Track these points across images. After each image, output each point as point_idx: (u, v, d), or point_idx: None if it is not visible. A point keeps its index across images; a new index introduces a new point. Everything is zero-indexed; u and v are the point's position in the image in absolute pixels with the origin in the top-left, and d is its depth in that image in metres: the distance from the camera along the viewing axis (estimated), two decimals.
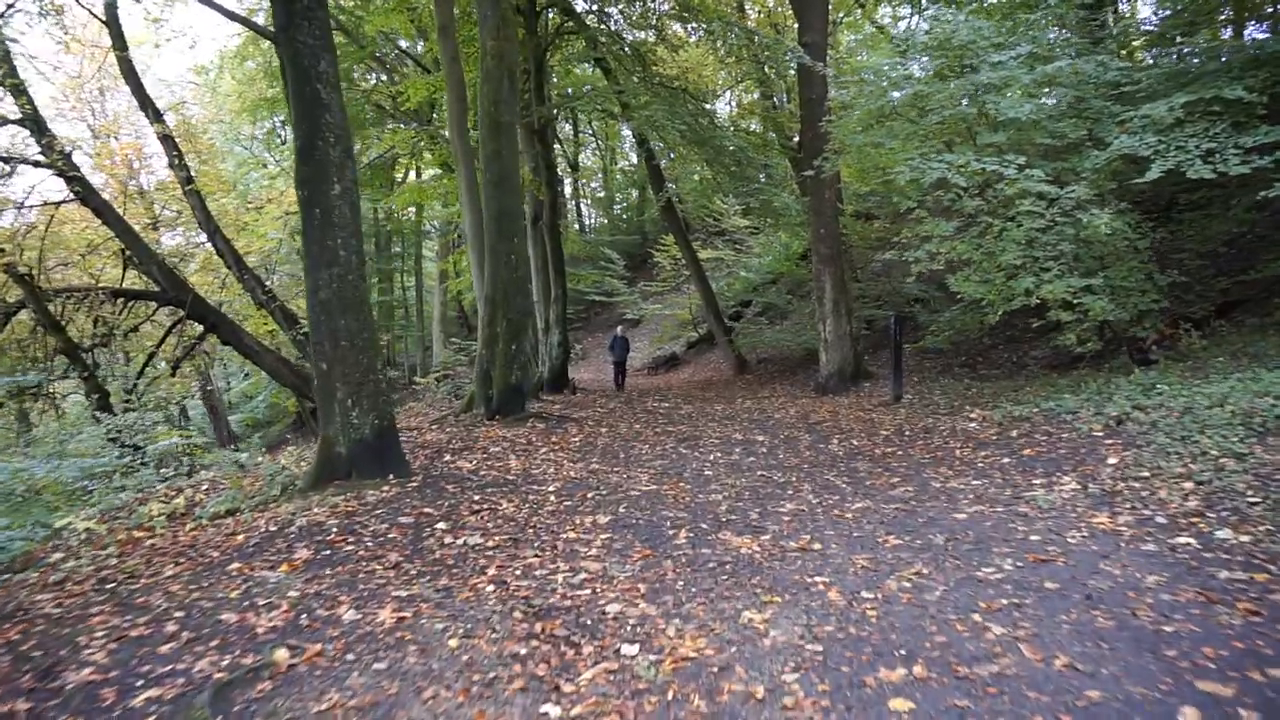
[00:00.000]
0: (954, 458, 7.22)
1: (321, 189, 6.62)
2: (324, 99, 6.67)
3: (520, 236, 10.51)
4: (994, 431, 8.16)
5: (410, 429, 9.83)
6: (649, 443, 8.91)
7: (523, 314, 10.45)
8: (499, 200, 10.29)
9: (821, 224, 14.48)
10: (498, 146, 10.25)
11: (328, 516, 5.69)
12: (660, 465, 7.57)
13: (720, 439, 9.08)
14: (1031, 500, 5.55)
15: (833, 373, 14.36)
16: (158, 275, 16.39)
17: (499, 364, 10.28)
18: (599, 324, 32.44)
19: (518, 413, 10.32)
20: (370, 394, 6.68)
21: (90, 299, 15.57)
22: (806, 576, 4.40)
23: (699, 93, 16.65)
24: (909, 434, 8.71)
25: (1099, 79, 10.29)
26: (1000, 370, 13.30)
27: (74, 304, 15.36)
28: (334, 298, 6.59)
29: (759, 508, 5.91)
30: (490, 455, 7.95)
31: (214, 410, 27.66)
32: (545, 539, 5.27)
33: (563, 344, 16.03)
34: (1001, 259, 8.97)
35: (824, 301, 14.46)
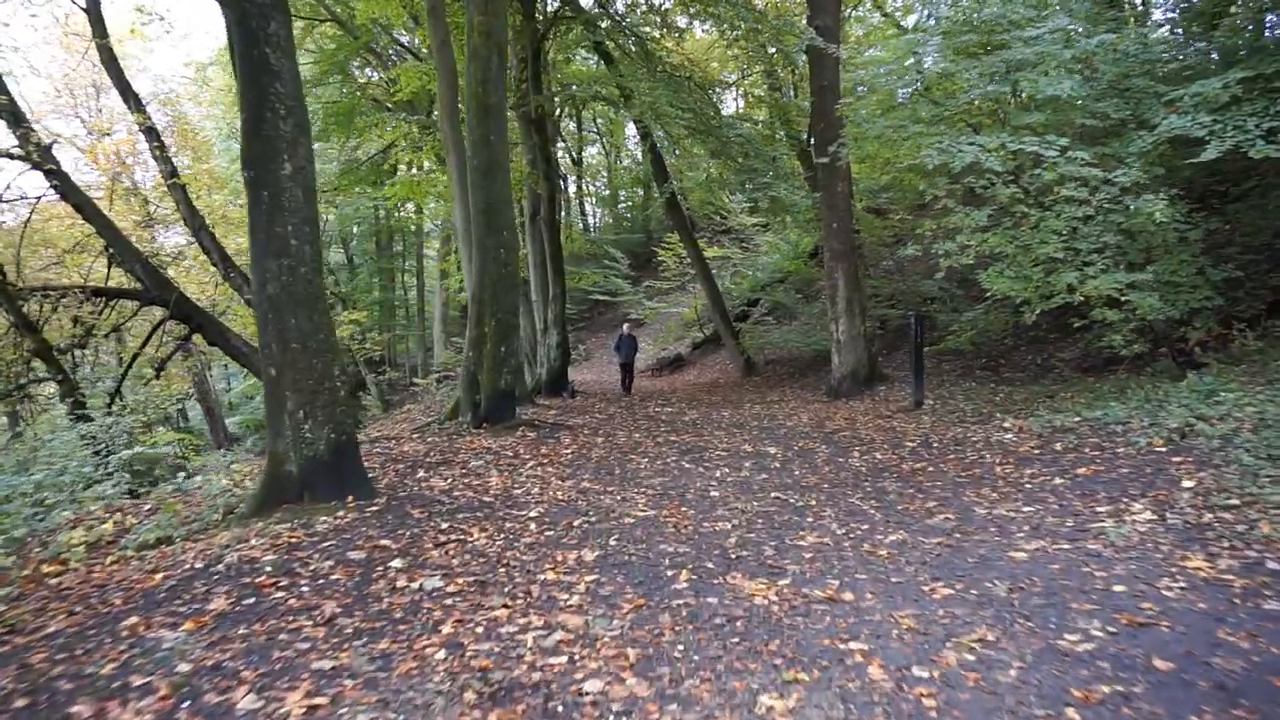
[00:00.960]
0: (995, 476, 6.24)
1: (270, 169, 5.69)
2: (273, 65, 5.74)
3: (510, 230, 9.57)
4: (1035, 444, 7.17)
5: (388, 439, 8.90)
6: (649, 455, 7.95)
7: (512, 313, 9.51)
8: (487, 190, 9.35)
9: (834, 218, 13.49)
10: (486, 131, 9.31)
11: (265, 550, 4.75)
12: (660, 484, 6.61)
13: (728, 451, 8.12)
14: (1101, 534, 4.57)
15: (846, 375, 13.37)
16: (140, 273, 15.53)
17: (486, 367, 9.35)
18: (603, 324, 31.49)
19: (507, 420, 9.37)
20: (326, 404, 5.74)
21: (68, 298, 14.71)
22: (838, 641, 3.43)
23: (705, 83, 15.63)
24: (937, 446, 7.73)
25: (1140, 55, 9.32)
26: (1025, 373, 12.29)
27: (50, 304, 14.48)
28: (283, 293, 5.65)
29: (774, 540, 4.95)
30: (469, 471, 7.00)
31: (210, 412, 26.85)
32: (519, 581, 4.32)
33: (562, 345, 15.09)
34: (1039, 252, 7.97)
35: (837, 300, 13.48)
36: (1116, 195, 7.77)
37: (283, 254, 5.66)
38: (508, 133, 10.07)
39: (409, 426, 10.01)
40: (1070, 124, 8.76)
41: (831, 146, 10.96)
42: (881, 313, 16.60)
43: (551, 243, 15.00)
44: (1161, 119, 8.20)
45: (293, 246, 5.69)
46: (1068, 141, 7.86)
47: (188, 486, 6.69)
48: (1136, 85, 9.05)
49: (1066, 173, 7.75)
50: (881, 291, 17.69)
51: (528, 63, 14.35)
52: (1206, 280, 8.59)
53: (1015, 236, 8.26)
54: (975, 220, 8.07)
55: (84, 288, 15.13)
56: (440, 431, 9.18)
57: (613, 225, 36.44)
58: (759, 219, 23.58)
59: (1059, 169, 7.78)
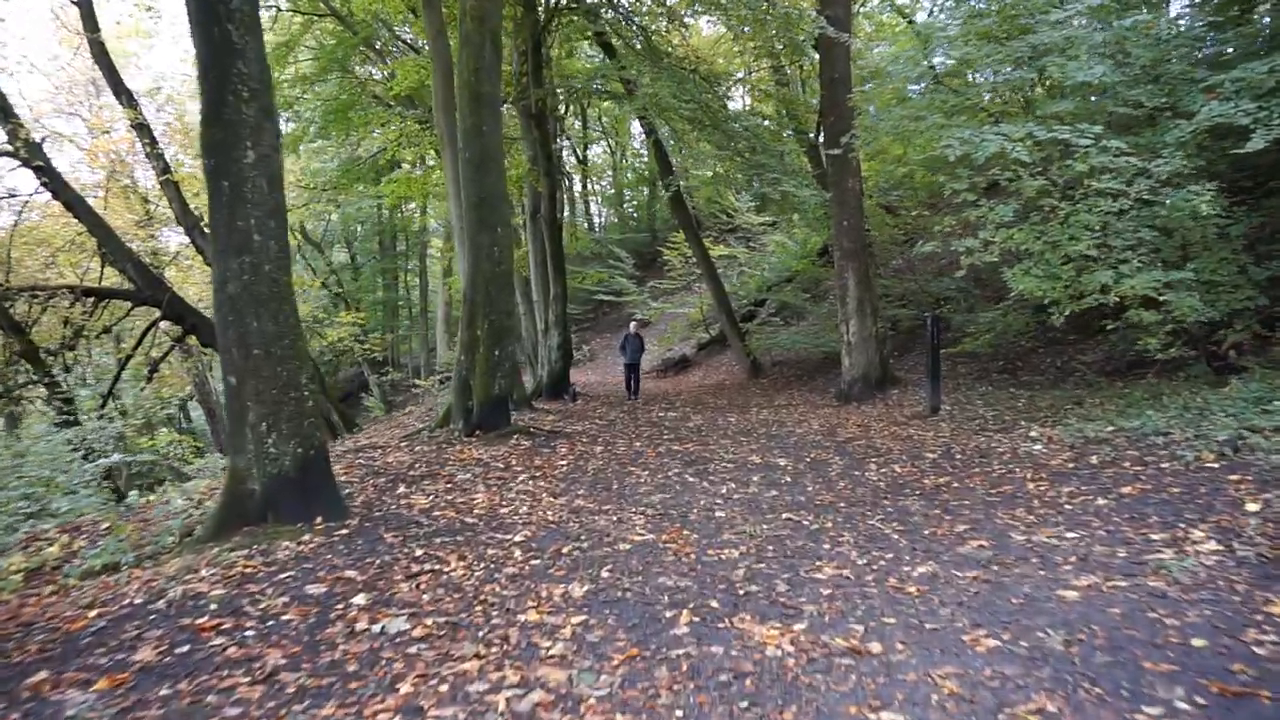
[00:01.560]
0: (1029, 495, 5.63)
1: (232, 156, 5.13)
2: (236, 43, 5.17)
3: (504, 226, 8.99)
4: (1068, 457, 6.55)
5: (375, 447, 8.34)
6: (650, 467, 7.35)
7: (507, 314, 8.93)
8: (479, 184, 8.77)
9: (844, 215, 12.88)
10: (478, 121, 8.73)
11: (215, 583, 4.19)
12: (661, 501, 6.02)
13: (734, 462, 7.52)
14: (1161, 569, 3.96)
15: (857, 378, 12.76)
16: (133, 273, 15.05)
17: (479, 372, 8.78)
18: (607, 324, 30.91)
19: (501, 427, 8.80)
20: (292, 415, 5.17)
21: (56, 298, 14.22)
22: (867, 710, 2.84)
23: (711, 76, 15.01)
24: (961, 458, 7.12)
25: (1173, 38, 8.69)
26: (1045, 377, 11.66)
27: (39, 304, 13.99)
28: (244, 293, 5.09)
29: (787, 572, 4.35)
30: (455, 486, 6.42)
31: (211, 413, 26.37)
32: (496, 623, 3.74)
33: (563, 346, 14.51)
34: (1069, 249, 7.35)
35: (847, 300, 12.86)
36: (1153, 187, 7.15)
37: (244, 250, 5.10)
38: (501, 124, 9.49)
39: (401, 432, 9.45)
40: (1101, 112, 8.14)
41: (844, 138, 10.34)
42: (893, 313, 15.98)
43: (552, 241, 14.42)
44: (1201, 106, 7.58)
45: (256, 242, 5.12)
46: (1101, 130, 7.23)
47: (136, 504, 6.11)
48: (1171, 71, 8.43)
49: (1099, 164, 7.12)
50: (892, 291, 17.07)
51: (528, 56, 13.78)
52: (1248, 279, 7.96)
53: (1043, 232, 7.64)
54: (1000, 215, 7.45)
55: (74, 288, 14.64)
56: (430, 440, 8.61)
57: (618, 225, 35.85)
58: (766, 217, 22.98)
59: (1091, 160, 7.16)
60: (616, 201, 36.76)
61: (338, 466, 7.09)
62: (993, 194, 8.94)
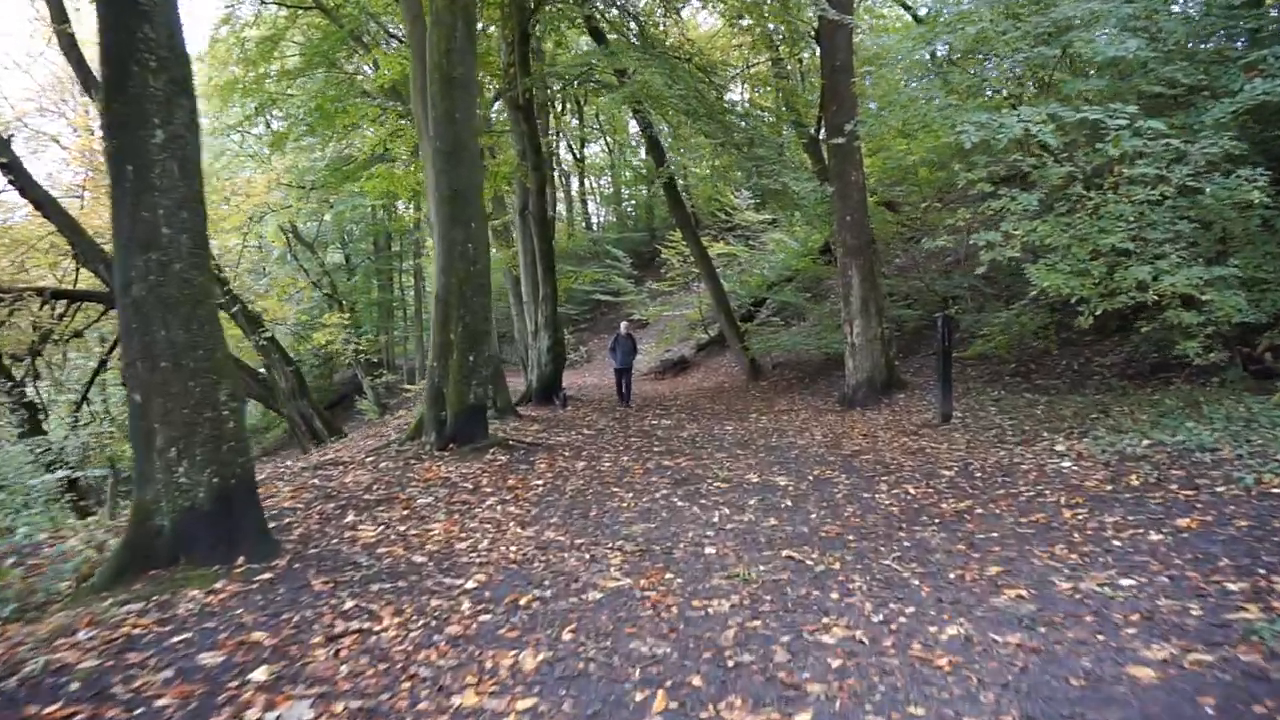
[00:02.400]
0: (1066, 526, 4.81)
1: (137, 136, 4.33)
2: (143, 4, 4.37)
3: (479, 221, 8.18)
4: (1103, 477, 5.74)
5: (335, 464, 7.54)
6: (635, 488, 6.54)
7: (483, 317, 8.13)
8: (451, 175, 7.98)
9: (847, 210, 12.06)
10: (450, 107, 7.93)
11: (90, 650, 3.40)
12: (643, 533, 5.20)
13: (729, 482, 6.70)
14: (1253, 635, 3.15)
15: (861, 382, 11.95)
16: (105, 275, 14.26)
17: (453, 379, 7.98)
18: (604, 325, 30.07)
19: (477, 440, 8.00)
20: (208, 439, 4.37)
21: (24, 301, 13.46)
22: None
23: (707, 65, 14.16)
24: (980, 477, 6.30)
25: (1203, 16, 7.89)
26: (1062, 381, 10.84)
27: (5, 307, 13.22)
28: (150, 296, 4.29)
29: (788, 633, 3.54)
30: (413, 513, 5.62)
31: None
32: (423, 708, 2.94)
33: (553, 349, 13.70)
34: (1101, 242, 6.52)
35: (851, 300, 12.05)
36: (1193, 173, 6.33)
37: (151, 246, 4.30)
38: (476, 111, 8.68)
39: (360, 449, 8.65)
40: (1131, 92, 7.31)
41: (847, 126, 9.51)
42: (897, 313, 15.17)
43: (541, 239, 13.61)
44: (1242, 85, 6.77)
45: (164, 236, 4.32)
46: (1136, 109, 6.41)
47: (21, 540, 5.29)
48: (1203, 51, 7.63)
49: (1133, 147, 6.30)
50: (897, 290, 16.25)
51: (515, 45, 12.96)
52: None
53: (1070, 224, 6.81)
54: (1024, 205, 6.62)
55: (42, 290, 13.89)
56: (398, 454, 7.81)
57: (616, 224, 35.03)
58: (766, 215, 22.17)
59: (1124, 143, 6.33)
60: (615, 200, 35.93)
61: (288, 488, 6.30)
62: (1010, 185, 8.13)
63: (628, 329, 13.83)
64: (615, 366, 13.74)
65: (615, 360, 13.59)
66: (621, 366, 13.64)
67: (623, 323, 14.08)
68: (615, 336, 13.73)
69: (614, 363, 13.71)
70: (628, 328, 13.88)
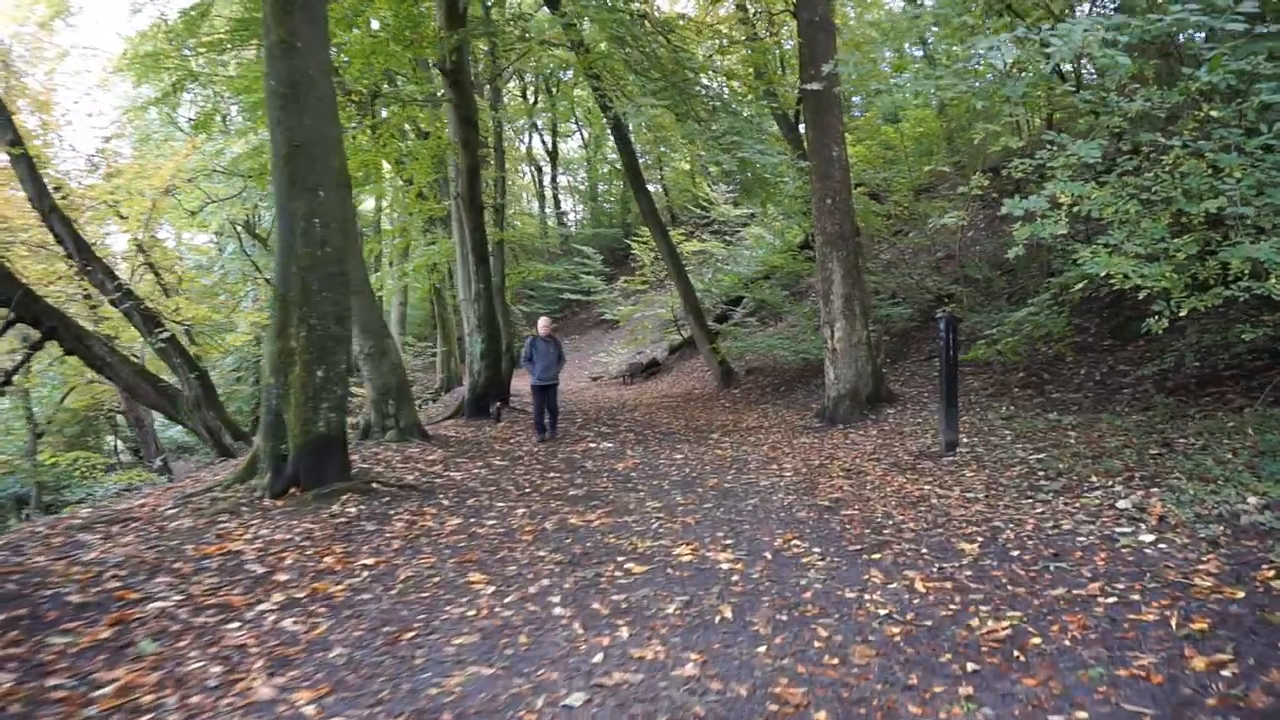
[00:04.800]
0: (1197, 678, 2.58)
1: None
2: None
3: (331, 189, 5.88)
4: (1217, 568, 3.52)
5: (115, 522, 5.20)
6: (504, 576, 4.21)
7: (334, 318, 5.83)
8: (290, 125, 5.69)
9: (827, 191, 9.84)
10: (288, 32, 5.63)
11: None
12: (465, 690, 2.93)
13: (649, 562, 4.41)
14: None
15: (843, 395, 9.73)
16: None
17: (294, 402, 5.69)
18: (575, 324, 27.80)
19: (329, 481, 5.72)
20: None
21: None
22: None
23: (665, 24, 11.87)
24: (1019, 556, 4.06)
25: None
26: (1084, 395, 8.65)
27: None
28: None
29: None
30: (111, 642, 3.32)
31: (139, 423, 23.09)
32: None
33: (488, 354, 11.40)
34: (1194, 210, 4.30)
35: (831, 298, 9.83)
36: None
37: None
38: (328, 39, 6.36)
39: (208, 484, 6.32)
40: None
41: (826, 67, 7.21)
42: (885, 311, 12.96)
43: (474, 227, 11.29)
44: None
45: None
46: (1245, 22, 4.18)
47: None
48: None
49: (1247, 67, 4.09)
50: (884, 287, 14.05)
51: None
52: None
53: (1142, 187, 4.59)
54: (1084, 154, 4.36)
55: None
56: (212, 505, 5.50)
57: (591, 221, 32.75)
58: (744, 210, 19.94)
59: (1227, 66, 4.12)
60: (590, 196, 33.63)
61: None
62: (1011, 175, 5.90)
63: (549, 329, 9.73)
64: (534, 382, 9.46)
65: (533, 373, 9.41)
66: (542, 381, 9.41)
67: (541, 319, 10.08)
68: (532, 340, 9.59)
69: (532, 376, 9.46)
70: (549, 327, 9.76)
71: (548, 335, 9.55)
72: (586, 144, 32.93)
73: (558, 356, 9.57)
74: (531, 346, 9.45)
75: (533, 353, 9.38)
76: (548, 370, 9.38)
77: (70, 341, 12.29)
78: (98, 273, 12.53)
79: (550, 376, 9.43)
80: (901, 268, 15.26)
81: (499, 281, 16.10)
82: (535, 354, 9.36)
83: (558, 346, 9.62)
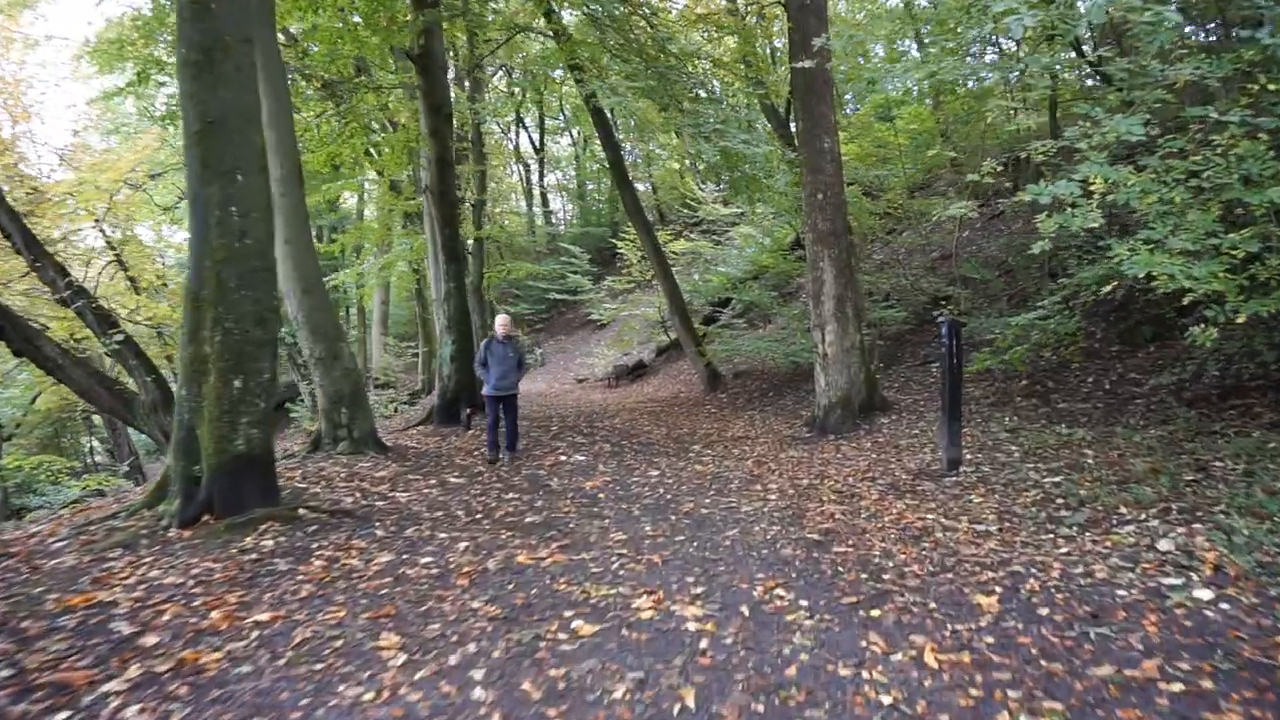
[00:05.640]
0: None
1: None
2: None
3: (252, 173, 5.07)
4: None
5: (1, 559, 4.39)
6: (423, 639, 3.41)
7: (255, 319, 5.03)
8: (203, 98, 4.88)
9: (819, 185, 9.08)
10: None
11: None
12: None
13: (600, 618, 3.63)
14: None
15: (835, 403, 8.98)
16: None
17: (209, 416, 4.89)
18: (563, 325, 26.99)
19: (249, 508, 4.91)
20: None
21: None
22: None
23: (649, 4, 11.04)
24: (1050, 615, 3.30)
25: None
26: (1094, 405, 7.92)
27: None
28: None
29: None
30: None
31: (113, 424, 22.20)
32: None
33: (458, 358, 10.58)
34: (1257, 199, 3.56)
35: (822, 299, 9.08)
36: None
37: None
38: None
39: (114, 509, 5.50)
40: None
41: (817, 41, 6.42)
42: (878, 314, 12.21)
43: (445, 223, 10.48)
44: None
45: None
46: None
47: None
48: None
49: None
50: (876, 288, 13.32)
51: None
52: None
53: (1190, 171, 3.84)
54: (1125, 130, 3.59)
55: None
56: (107, 537, 4.69)
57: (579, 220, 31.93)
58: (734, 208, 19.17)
59: None
60: (578, 195, 32.80)
61: None
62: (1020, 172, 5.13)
63: (507, 328, 8.07)
64: (488, 392, 7.80)
65: (489, 380, 7.76)
66: (498, 391, 7.76)
67: (499, 317, 8.40)
68: (487, 342, 7.92)
69: (486, 385, 7.81)
70: (506, 326, 8.11)
71: (506, 336, 7.94)
72: (575, 142, 32.12)
73: (517, 362, 7.93)
74: (486, 350, 7.80)
75: (487, 357, 7.76)
76: (504, 378, 7.75)
77: (18, 342, 11.43)
78: (48, 269, 11.66)
79: (507, 386, 7.79)
80: (895, 268, 14.53)
81: (477, 280, 15.32)
82: (490, 358, 7.74)
83: (518, 350, 8.02)
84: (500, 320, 8.25)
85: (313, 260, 7.74)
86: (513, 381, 7.88)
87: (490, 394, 7.80)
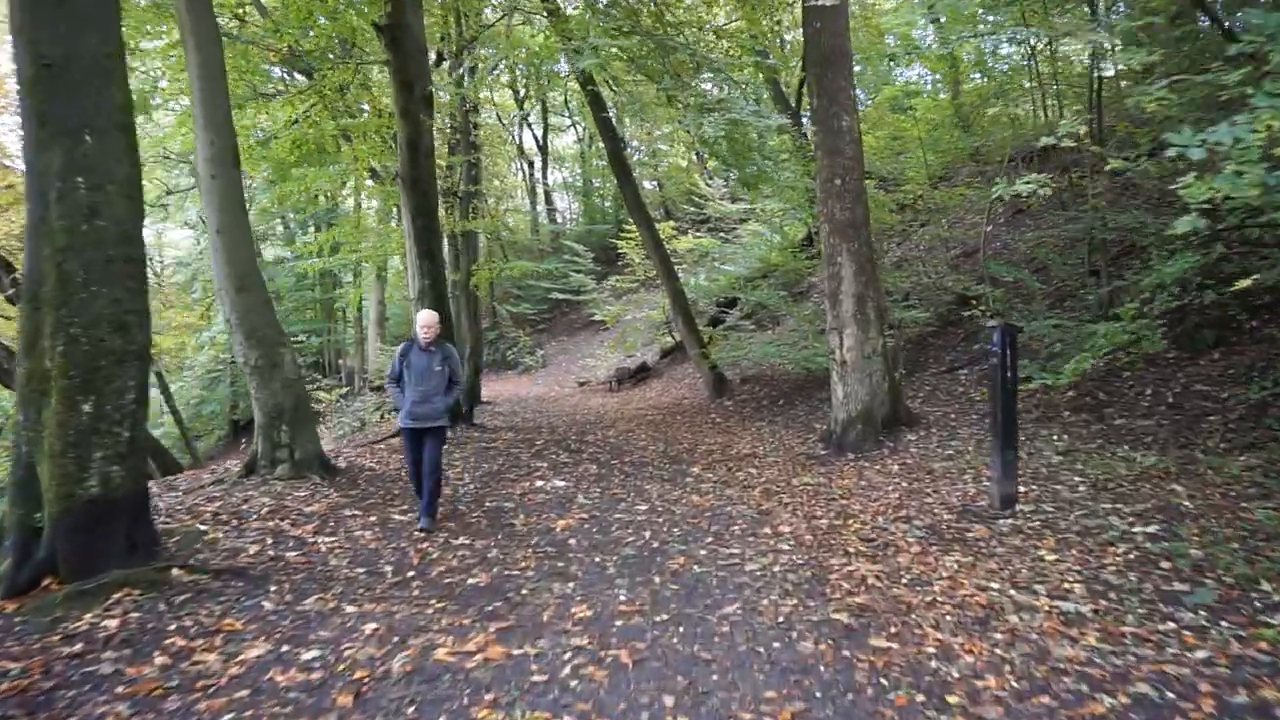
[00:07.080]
0: None
1: None
2: None
3: (110, 132, 3.85)
4: None
5: None
6: None
7: (117, 325, 3.80)
8: (36, 37, 3.67)
9: (836, 169, 7.80)
10: None
11: None
12: None
13: None
14: None
15: (855, 416, 7.70)
16: None
17: (49, 450, 3.68)
18: (565, 325, 25.74)
19: (110, 567, 3.70)
20: None
21: None
22: None
23: None
24: None
25: None
26: (1158, 421, 6.59)
27: None
28: None
29: None
30: None
31: None
32: None
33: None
34: None
35: (840, 299, 7.79)
36: None
37: None
38: None
39: None
40: None
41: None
42: (899, 314, 10.88)
43: (417, 213, 9.23)
44: None
45: None
46: None
47: None
48: None
49: None
50: (896, 287, 12.00)
51: None
52: None
53: None
54: None
55: None
56: None
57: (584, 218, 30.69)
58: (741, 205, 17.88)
59: None
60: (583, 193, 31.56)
61: None
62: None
63: (430, 330, 5.30)
64: (402, 421, 5.29)
65: (401, 405, 5.26)
66: (415, 421, 5.20)
67: (421, 314, 5.55)
68: (404, 347, 5.36)
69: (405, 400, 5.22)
70: (431, 328, 5.30)
71: (430, 342, 5.27)
72: (580, 139, 30.89)
73: (447, 380, 5.29)
74: (401, 359, 5.27)
75: (401, 369, 5.24)
76: (425, 401, 5.17)
77: None
78: None
79: (429, 413, 5.18)
80: (914, 265, 13.20)
81: (465, 277, 14.10)
82: (407, 371, 5.21)
83: (447, 362, 5.33)
84: (423, 318, 5.39)
85: (248, 253, 6.52)
86: (437, 410, 5.22)
87: (404, 425, 5.23)
